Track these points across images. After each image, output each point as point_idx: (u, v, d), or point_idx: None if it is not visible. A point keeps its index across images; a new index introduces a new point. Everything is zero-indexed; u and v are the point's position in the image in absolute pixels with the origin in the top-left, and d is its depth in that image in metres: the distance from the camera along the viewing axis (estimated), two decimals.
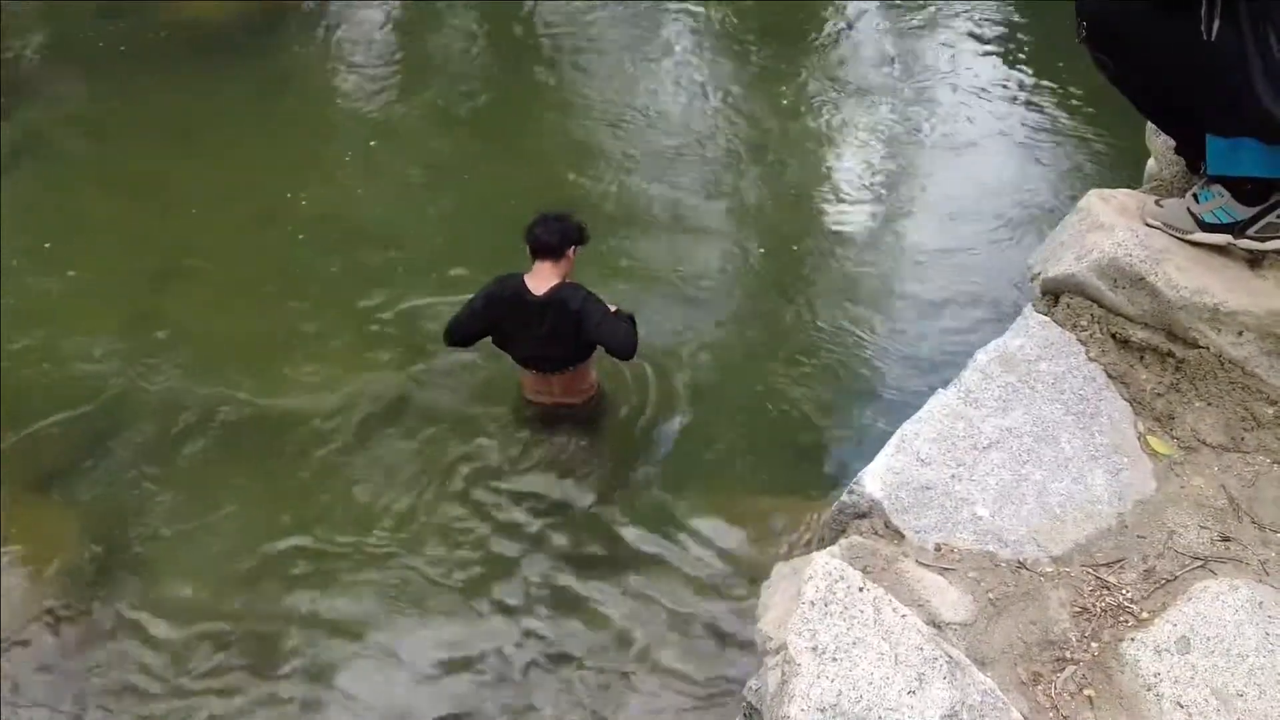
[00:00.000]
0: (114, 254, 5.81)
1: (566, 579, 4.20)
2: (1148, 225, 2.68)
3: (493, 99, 7.34)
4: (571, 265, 4.37)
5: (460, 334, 4.47)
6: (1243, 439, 2.49)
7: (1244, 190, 2.55)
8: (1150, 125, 3.08)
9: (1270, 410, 2.50)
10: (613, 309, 4.31)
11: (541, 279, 4.29)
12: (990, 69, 7.47)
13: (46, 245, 5.83)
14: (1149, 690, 1.99)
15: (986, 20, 8.05)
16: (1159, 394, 2.56)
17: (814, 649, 1.94)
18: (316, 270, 5.68)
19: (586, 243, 4.45)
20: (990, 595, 2.14)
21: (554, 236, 4.28)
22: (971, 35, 7.89)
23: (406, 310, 5.38)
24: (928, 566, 2.18)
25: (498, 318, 4.40)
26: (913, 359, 5.10)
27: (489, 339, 4.53)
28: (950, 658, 1.94)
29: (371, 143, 6.81)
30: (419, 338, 5.21)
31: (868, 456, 2.43)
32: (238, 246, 5.85)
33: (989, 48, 7.73)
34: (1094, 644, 2.08)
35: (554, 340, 4.35)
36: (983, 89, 7.23)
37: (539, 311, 4.29)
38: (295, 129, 7.01)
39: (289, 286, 5.56)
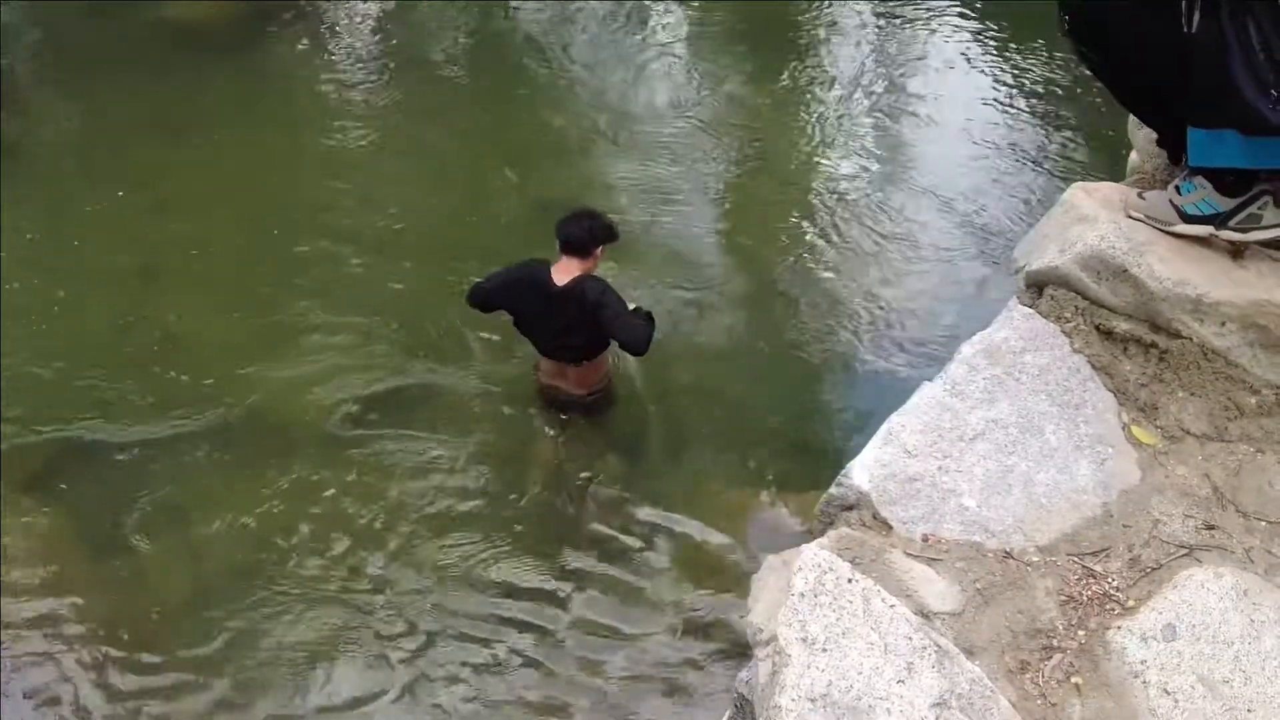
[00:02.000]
0: (104, 253, 5.81)
1: (555, 571, 4.22)
2: (1130, 218, 2.69)
3: (479, 96, 7.35)
4: (597, 263, 4.41)
5: (477, 298, 4.60)
6: (1226, 428, 2.51)
7: (1226, 182, 2.56)
8: (1133, 118, 3.09)
9: (1253, 400, 2.52)
10: (631, 306, 4.34)
11: (566, 272, 4.35)
12: (973, 64, 7.49)
13: (37, 245, 5.81)
14: (1136, 678, 2.01)
15: (968, 16, 8.07)
16: (1143, 384, 2.58)
17: (804, 639, 1.95)
18: (306, 267, 5.68)
19: (617, 240, 4.49)
20: (978, 585, 2.16)
21: (583, 234, 4.35)
22: (954, 32, 7.92)
23: (396, 306, 5.39)
24: (915, 557, 2.20)
25: (514, 300, 4.49)
26: (899, 352, 5.13)
27: (512, 324, 4.63)
28: (939, 647, 1.96)
29: (358, 139, 6.81)
30: (409, 334, 5.22)
31: (855, 449, 2.44)
32: (227, 244, 5.85)
33: (971, 43, 7.75)
34: (1081, 632, 2.09)
35: (571, 331, 4.41)
36: (965, 85, 7.26)
37: (559, 302, 4.34)
38: (282, 126, 7.00)
39: (278, 284, 5.57)
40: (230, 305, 5.44)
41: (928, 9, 8.18)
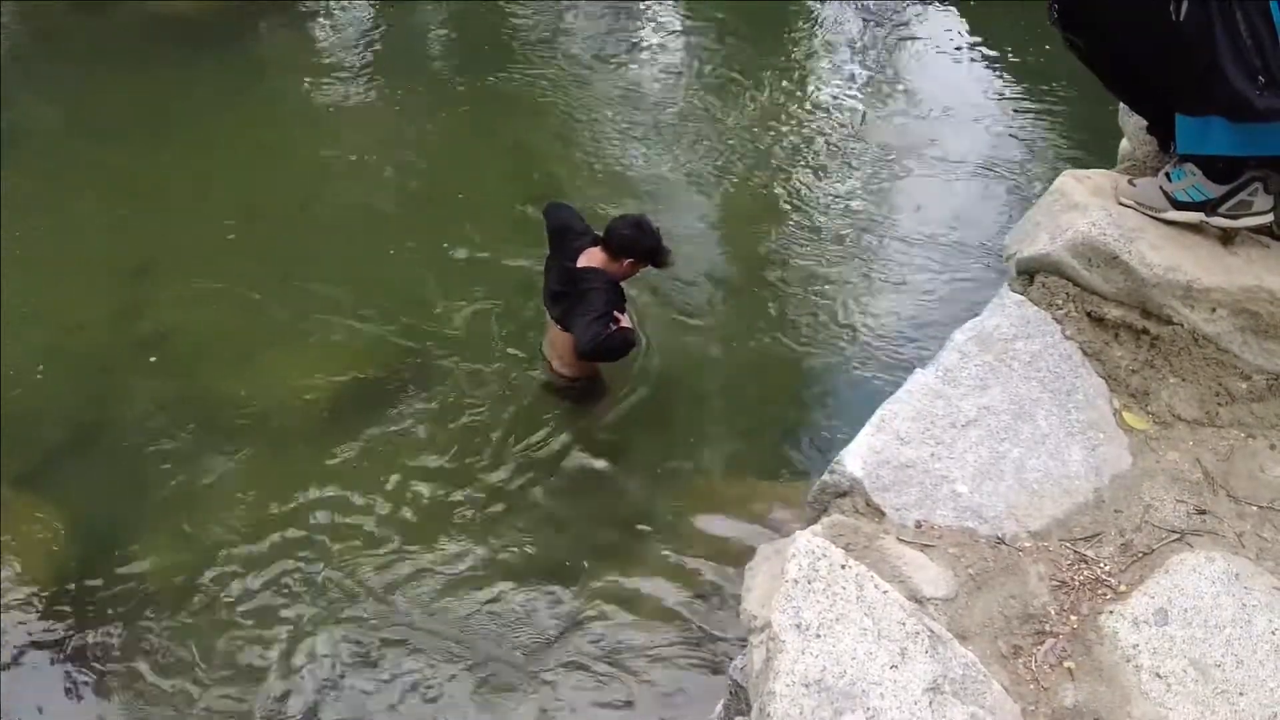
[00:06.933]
0: (94, 249, 5.79)
1: (548, 563, 4.22)
2: (1121, 204, 2.70)
3: (468, 90, 7.33)
4: (624, 272, 4.54)
5: (547, 210, 4.91)
6: (1217, 414, 2.52)
7: (1216, 168, 2.57)
8: (1122, 105, 3.10)
9: (1244, 385, 2.53)
10: (621, 319, 4.36)
11: (590, 258, 4.52)
12: (964, 55, 7.50)
13: (30, 242, 5.78)
14: (1128, 662, 2.01)
15: (958, 9, 8.07)
16: (1134, 370, 2.58)
17: (798, 626, 1.96)
18: (299, 259, 5.67)
19: (660, 266, 4.61)
20: (970, 570, 2.16)
21: (618, 239, 4.48)
22: (944, 25, 7.92)
23: (387, 302, 5.38)
24: (908, 543, 2.20)
25: (552, 243, 4.76)
26: (891, 339, 5.13)
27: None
28: (932, 632, 1.96)
29: (347, 135, 6.78)
30: (406, 323, 5.22)
31: (848, 436, 2.44)
32: (217, 240, 5.83)
33: (961, 35, 7.76)
34: (1073, 617, 2.10)
35: (558, 299, 4.58)
36: (956, 76, 7.26)
37: (565, 274, 4.53)
38: (272, 122, 6.98)
39: (272, 276, 5.55)
40: (226, 298, 5.42)
41: (914, 4, 8.19)
